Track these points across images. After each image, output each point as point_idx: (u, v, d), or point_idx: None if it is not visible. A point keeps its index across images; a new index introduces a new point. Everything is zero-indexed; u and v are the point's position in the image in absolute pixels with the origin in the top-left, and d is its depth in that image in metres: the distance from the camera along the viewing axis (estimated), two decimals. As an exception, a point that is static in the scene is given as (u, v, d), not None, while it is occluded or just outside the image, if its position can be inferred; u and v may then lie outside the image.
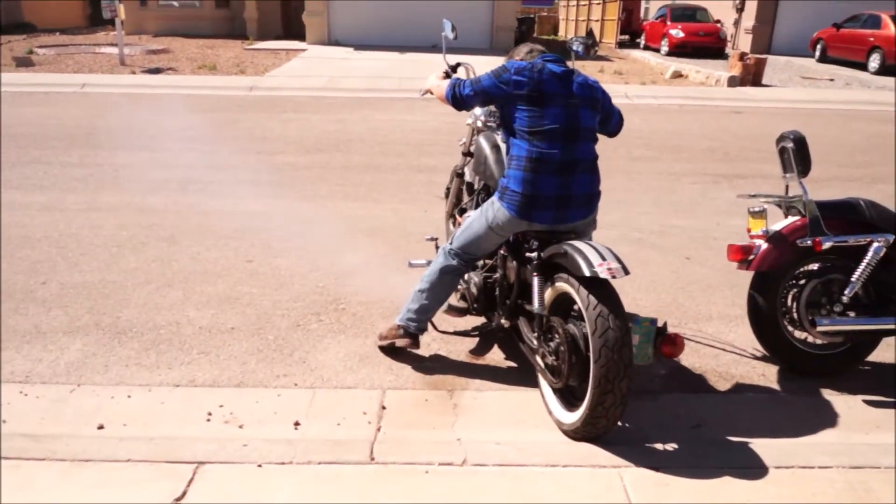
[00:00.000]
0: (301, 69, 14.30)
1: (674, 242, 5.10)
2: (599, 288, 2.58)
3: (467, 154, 3.99)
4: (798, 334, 3.31)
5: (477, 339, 3.52)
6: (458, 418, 2.86)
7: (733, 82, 13.99)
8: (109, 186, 6.05)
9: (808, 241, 3.14)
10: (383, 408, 2.91)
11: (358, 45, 18.58)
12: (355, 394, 3.01)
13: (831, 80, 15.90)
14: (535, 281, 2.85)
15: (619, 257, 2.60)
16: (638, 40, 23.99)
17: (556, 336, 2.72)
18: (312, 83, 12.56)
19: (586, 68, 16.91)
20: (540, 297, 2.83)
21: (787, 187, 3.40)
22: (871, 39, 17.03)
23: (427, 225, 5.29)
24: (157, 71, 13.13)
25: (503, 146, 3.47)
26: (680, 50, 19.64)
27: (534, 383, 3.06)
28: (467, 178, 4.09)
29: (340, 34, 19.19)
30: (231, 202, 5.71)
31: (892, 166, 7.83)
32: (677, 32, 19.92)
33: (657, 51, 20.81)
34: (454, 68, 3.78)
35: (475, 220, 3.07)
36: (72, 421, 2.75)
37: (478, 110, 3.90)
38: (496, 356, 3.39)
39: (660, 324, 2.73)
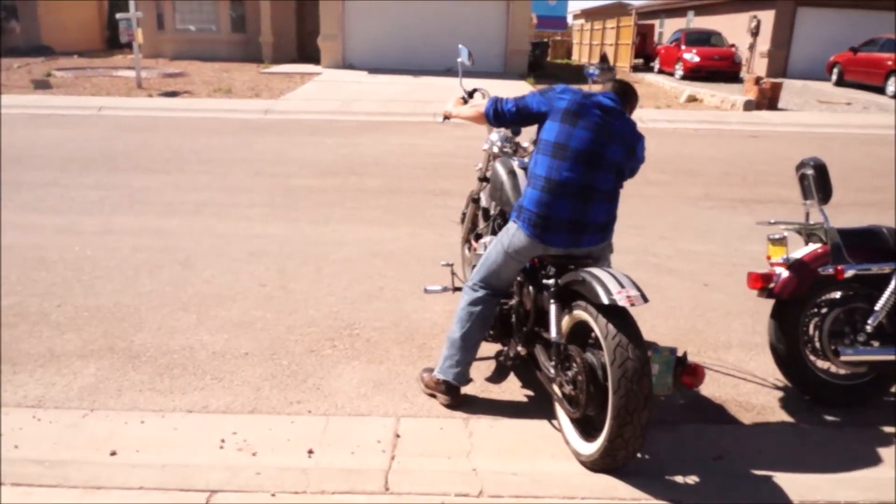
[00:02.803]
0: (315, 93, 14.43)
1: (691, 268, 5.04)
2: (618, 316, 2.54)
3: (483, 179, 3.98)
4: (820, 364, 3.25)
5: (493, 367, 3.47)
6: (474, 447, 2.81)
7: (749, 106, 13.96)
8: (125, 209, 6.09)
9: (830, 269, 3.09)
10: (398, 436, 2.86)
11: (372, 68, 18.76)
12: (369, 421, 2.97)
13: (848, 104, 15.83)
14: (553, 308, 2.81)
15: (637, 285, 2.57)
16: (652, 64, 24.05)
17: (574, 365, 2.67)
18: (326, 106, 12.66)
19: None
20: (557, 324, 2.79)
21: (807, 214, 3.35)
22: (889, 63, 16.96)
23: (442, 249, 5.27)
24: (173, 94, 13.29)
25: (520, 172, 3.46)
26: (694, 74, 19.65)
27: (551, 412, 3.01)
28: (483, 203, 4.08)
29: (355, 58, 19.39)
30: (246, 225, 5.73)
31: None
32: (692, 56, 19.95)
33: (671, 75, 20.83)
34: (471, 94, 3.79)
35: (492, 249, 3.04)
36: (84, 447, 2.72)
37: (494, 135, 3.91)
38: (512, 384, 3.34)
39: (680, 353, 2.68)
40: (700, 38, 21.32)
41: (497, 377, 3.40)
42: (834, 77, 19.26)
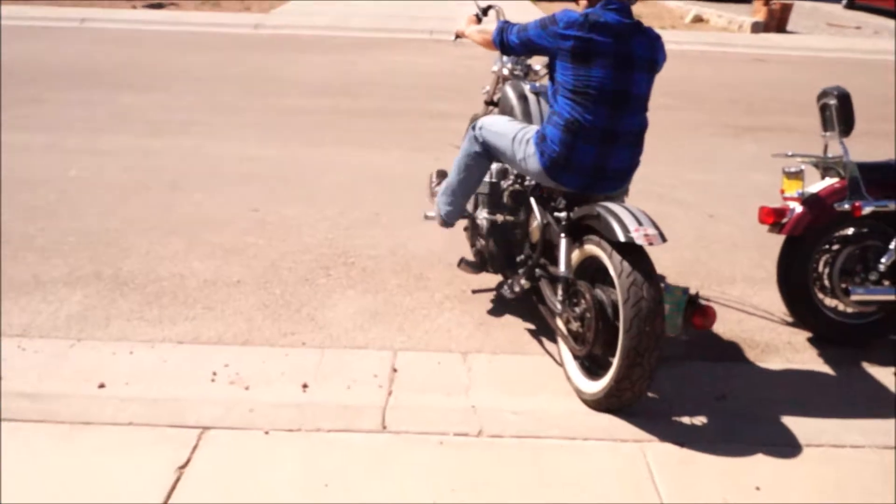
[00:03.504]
0: (308, 6, 13.82)
1: (696, 198, 4.91)
2: (633, 254, 2.42)
3: (490, 103, 3.77)
4: (829, 302, 3.17)
5: (493, 299, 3.37)
6: (473, 383, 2.74)
7: (757, 28, 13.49)
8: (111, 128, 5.85)
9: (847, 206, 2.96)
10: (395, 370, 2.79)
11: (367, -19, 17.95)
12: (365, 355, 2.89)
13: (858, 27, 15.33)
14: (563, 242, 2.69)
15: (655, 223, 2.44)
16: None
17: (583, 301, 2.57)
18: (319, 21, 12.14)
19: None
20: (567, 259, 2.67)
21: (825, 146, 3.21)
22: (902, -14, 16.33)
23: (439, 174, 5.10)
24: (159, 6, 12.72)
25: (531, 97, 3.28)
26: (700, -7, 18.90)
27: (552, 348, 2.94)
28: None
29: (350, -30, 18.52)
30: (236, 146, 5.52)
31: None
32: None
33: (677, -7, 20.04)
34: (485, 11, 3.55)
35: (510, 134, 2.86)
36: (72, 379, 2.64)
37: (504, 56, 3.69)
38: (513, 317, 3.26)
39: (692, 292, 2.59)
40: (709, -46, 20.41)
41: (497, 310, 3.32)
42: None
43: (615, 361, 2.42)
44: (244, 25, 11.50)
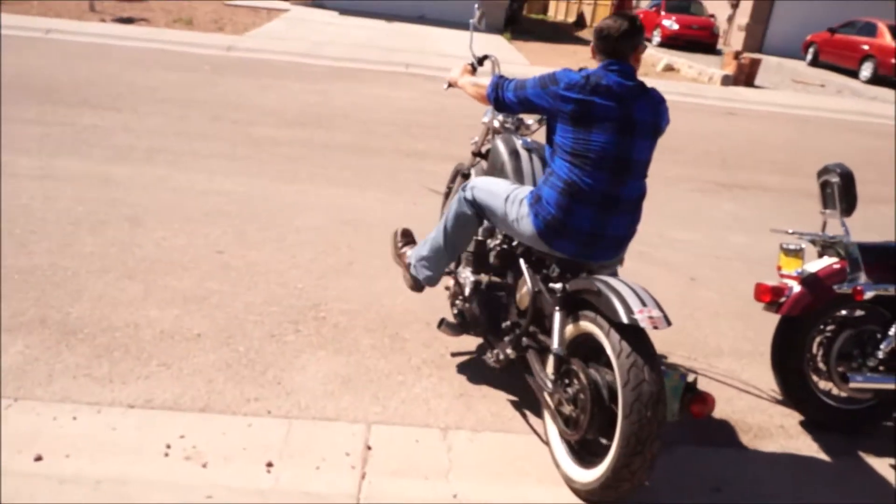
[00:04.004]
0: (283, 31, 13.67)
1: (678, 259, 4.80)
2: (633, 334, 2.26)
3: (478, 154, 3.61)
4: (822, 385, 3.04)
5: (473, 364, 3.17)
6: (453, 465, 2.52)
7: (727, 81, 13.75)
8: (68, 150, 5.54)
9: (847, 288, 2.85)
10: (369, 448, 2.55)
11: (344, 9, 17.92)
12: (337, 428, 2.65)
13: (822, 85, 15.77)
14: (557, 316, 2.50)
15: (659, 303, 2.28)
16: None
17: (576, 382, 2.39)
18: (294, 47, 11.97)
19: (577, 53, 16.53)
20: (560, 334, 2.49)
21: (824, 224, 3.11)
22: (866, 48, 16.91)
23: (416, 221, 4.88)
24: (128, 21, 12.40)
25: (523, 153, 3.13)
26: (672, 42, 19.36)
27: (537, 424, 2.75)
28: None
29: (327, -3, 18.46)
30: (203, 178, 5.25)
31: (890, 186, 7.64)
32: (671, 24, 19.61)
33: (649, 41, 20.46)
34: (481, 61, 3.40)
35: (502, 195, 2.71)
36: (5, 448, 2.34)
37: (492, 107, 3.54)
38: (494, 388, 3.05)
39: (690, 378, 2.43)
40: (680, 5, 20.95)
41: (477, 378, 3.11)
42: (809, 57, 19.18)
43: (613, 449, 2.24)
44: (216, 47, 11.26)
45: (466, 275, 3.08)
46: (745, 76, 14.13)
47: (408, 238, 3.25)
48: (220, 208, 4.69)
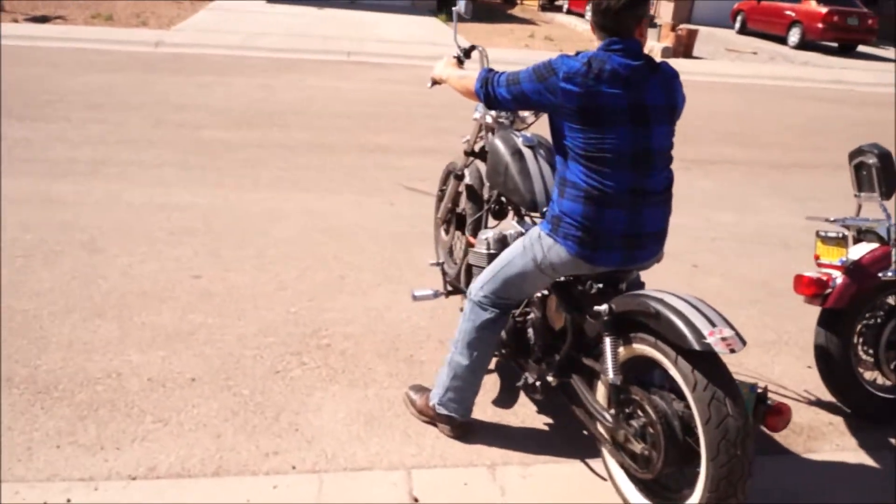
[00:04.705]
0: (212, 23, 12.96)
1: (675, 245, 4.58)
2: (706, 360, 2.02)
3: (471, 154, 3.32)
4: (868, 376, 2.91)
5: (501, 388, 2.91)
6: (511, 509, 2.27)
7: (667, 53, 13.77)
8: (2, 168, 4.97)
9: (893, 275, 2.70)
10: (415, 500, 2.27)
11: (271, -4, 17.16)
12: (374, 479, 2.35)
13: (754, 52, 16.01)
14: (608, 342, 2.24)
15: (727, 319, 2.05)
16: (559, 3, 23.56)
17: (640, 413, 2.15)
18: (227, 40, 11.34)
19: (515, 32, 16.34)
20: (614, 362, 2.23)
21: (858, 207, 2.96)
22: (792, 14, 17.25)
23: (397, 221, 4.61)
24: (43, 20, 11.50)
25: (527, 152, 2.85)
26: (605, 16, 19.30)
27: (585, 447, 2.51)
28: (468, 180, 3.44)
29: (251, -16, 17.64)
30: (159, 192, 4.79)
31: (846, 152, 7.70)
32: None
33: (582, 16, 20.41)
34: (467, 53, 3.10)
35: (515, 258, 2.42)
36: (-12, 548, 1.96)
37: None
38: (529, 410, 2.80)
39: (760, 388, 2.23)
40: (610, -22, 20.91)
41: (505, 400, 2.86)
42: (737, 25, 19.49)
43: (699, 492, 2.01)
44: (143, 43, 10.56)
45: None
46: (683, 48, 14.20)
47: (419, 389, 2.76)
48: (186, 225, 4.26)
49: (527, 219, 2.95)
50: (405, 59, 11.29)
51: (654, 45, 14.25)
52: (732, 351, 1.95)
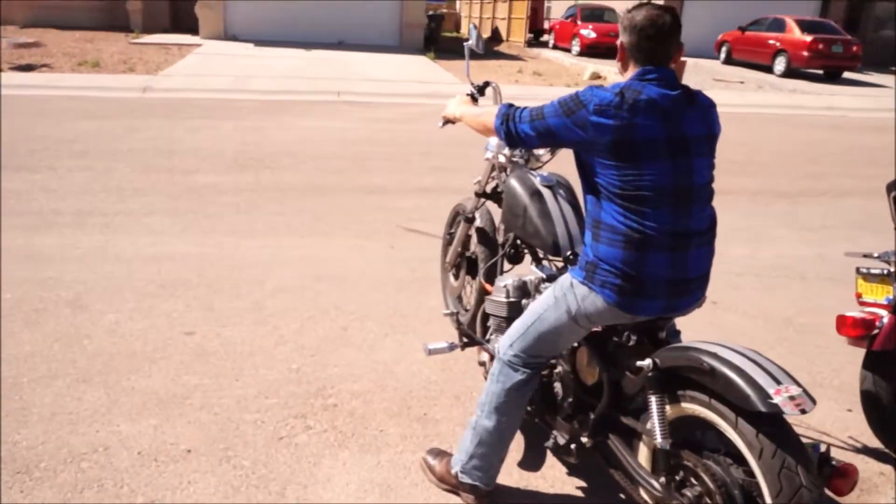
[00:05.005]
0: (199, 67, 12.88)
1: (690, 282, 4.43)
2: (772, 423, 1.80)
3: (482, 195, 3.14)
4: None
5: (527, 446, 2.67)
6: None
7: (657, 85, 13.77)
8: (-18, 223, 4.75)
9: (944, 313, 2.51)
10: (442, 586, 2.02)
11: (258, 40, 17.20)
12: (395, 563, 2.10)
13: (742, 82, 16.09)
14: (654, 402, 2.02)
15: (790, 374, 1.84)
16: (545, 39, 23.80)
17: (696, 483, 1.93)
18: (215, 84, 11.24)
19: (503, 68, 16.37)
20: (662, 424, 2.01)
21: (898, 240, 2.77)
22: (777, 43, 17.40)
23: (399, 265, 4.39)
24: (28, 68, 11.37)
25: (546, 192, 2.68)
26: (591, 50, 19.46)
27: (631, 522, 2.27)
28: (478, 223, 3.25)
29: (238, 28, 17.71)
30: (147, 242, 4.57)
31: (849, 178, 7.60)
32: (589, 33, 19.74)
33: (568, 51, 20.57)
34: (482, 89, 2.92)
35: (547, 310, 2.20)
36: None
37: (495, 140, 3.07)
38: (555, 472, 2.56)
39: (822, 448, 2.01)
40: (594, 14, 21.16)
41: (531, 460, 2.62)
42: (722, 55, 19.65)
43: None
44: (130, 89, 10.43)
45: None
46: (673, 79, 14.22)
47: (437, 454, 2.53)
48: (177, 277, 4.03)
49: (545, 263, 2.77)
50: (395, 98, 11.22)
51: (644, 78, 14.29)
52: (803, 412, 1.74)
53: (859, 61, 17.30)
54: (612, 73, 15.59)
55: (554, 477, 2.54)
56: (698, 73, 16.99)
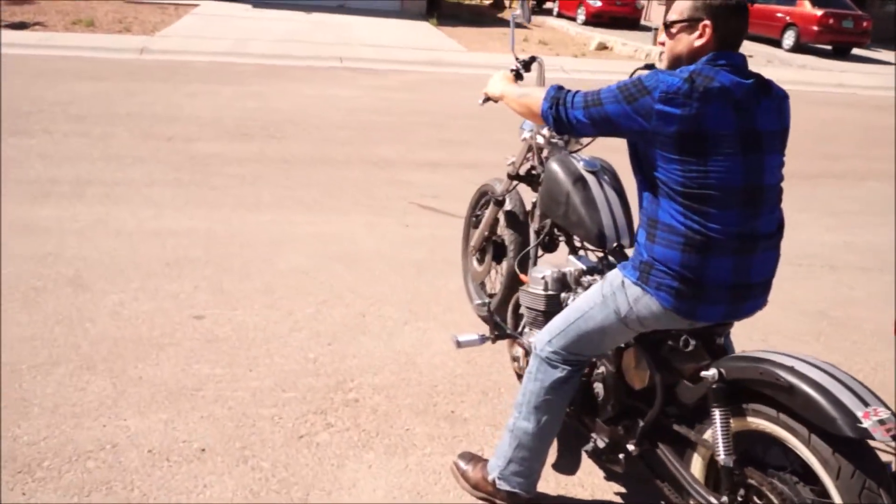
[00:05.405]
0: (197, 28, 12.49)
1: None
2: (849, 443, 1.65)
3: (516, 177, 2.94)
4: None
5: (555, 448, 2.51)
6: None
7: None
8: (-25, 191, 4.52)
9: None
10: None
11: (257, 1, 16.71)
12: (431, 582, 1.95)
13: (750, 56, 15.74)
14: (718, 416, 1.85)
15: (874, 392, 1.68)
16: (549, 7, 23.32)
17: (760, 502, 1.78)
18: (214, 46, 10.89)
19: (507, 36, 15.98)
20: (726, 440, 1.85)
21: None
22: (787, 17, 17.06)
23: (415, 245, 4.21)
24: (21, 26, 10.98)
25: (590, 178, 2.49)
26: (597, 19, 19.09)
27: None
28: (508, 206, 3.07)
29: (236, -12, 17.17)
30: (150, 215, 4.36)
31: (867, 160, 7.42)
32: (594, 1, 19.32)
33: (573, 19, 20.16)
34: (527, 65, 2.70)
35: (594, 308, 2.02)
36: None
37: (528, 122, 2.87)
38: (593, 478, 2.41)
39: (894, 467, 1.85)
40: (601, -19, 20.68)
41: (567, 464, 2.46)
42: (730, 28, 19.27)
43: None
44: (127, 50, 10.08)
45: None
46: (682, 52, 13.91)
47: (470, 458, 2.34)
48: (183, 254, 3.83)
49: (581, 253, 2.59)
50: (398, 65, 10.91)
51: (651, 49, 13.97)
52: (895, 438, 1.57)
53: (868, 37, 17.02)
54: (619, 44, 15.27)
55: (593, 485, 2.39)
56: (706, 46, 16.67)
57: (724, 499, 1.85)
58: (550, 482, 2.37)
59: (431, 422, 2.62)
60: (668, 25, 1.94)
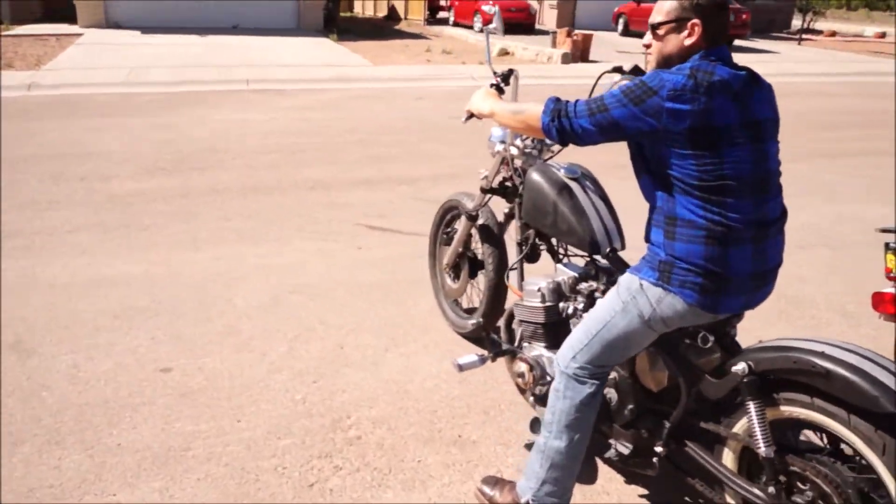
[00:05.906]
0: (86, 59, 11.82)
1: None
2: (892, 418, 1.69)
3: (489, 191, 2.89)
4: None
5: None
6: None
7: (567, 59, 13.87)
8: None
9: (982, 283, 2.49)
10: None
11: (144, 27, 16.04)
12: None
13: (644, 54, 16.46)
14: (754, 409, 1.87)
15: (908, 368, 1.73)
16: (439, 16, 23.55)
17: (804, 486, 1.82)
18: (110, 77, 10.34)
19: (410, 48, 16.00)
20: (765, 432, 1.86)
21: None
22: (672, 13, 17.88)
23: (373, 268, 4.09)
24: None
25: (574, 186, 2.49)
26: (493, 26, 19.37)
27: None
28: (482, 220, 3.02)
29: (120, 15, 16.44)
30: (82, 264, 4.04)
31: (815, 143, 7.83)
32: (489, 8, 19.54)
33: (469, 27, 20.42)
34: (506, 78, 2.66)
35: (615, 316, 1.99)
36: None
37: (499, 130, 2.85)
38: (614, 484, 2.39)
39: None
40: (492, -12, 21.04)
41: (589, 473, 2.42)
42: (620, 27, 20.08)
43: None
44: (13, 87, 9.41)
45: (542, 352, 2.41)
46: (580, 52, 14.37)
47: (495, 482, 2.26)
48: (129, 303, 3.56)
49: (566, 259, 2.58)
50: (307, 84, 10.70)
51: (553, 52, 14.33)
52: (936, 412, 1.62)
53: (748, 29, 18.10)
54: (520, 49, 15.57)
55: (616, 491, 2.36)
56: (601, 46, 17.25)
57: (771, 489, 1.86)
58: (576, 495, 2.31)
59: (441, 449, 2.52)
60: (654, 27, 1.94)
